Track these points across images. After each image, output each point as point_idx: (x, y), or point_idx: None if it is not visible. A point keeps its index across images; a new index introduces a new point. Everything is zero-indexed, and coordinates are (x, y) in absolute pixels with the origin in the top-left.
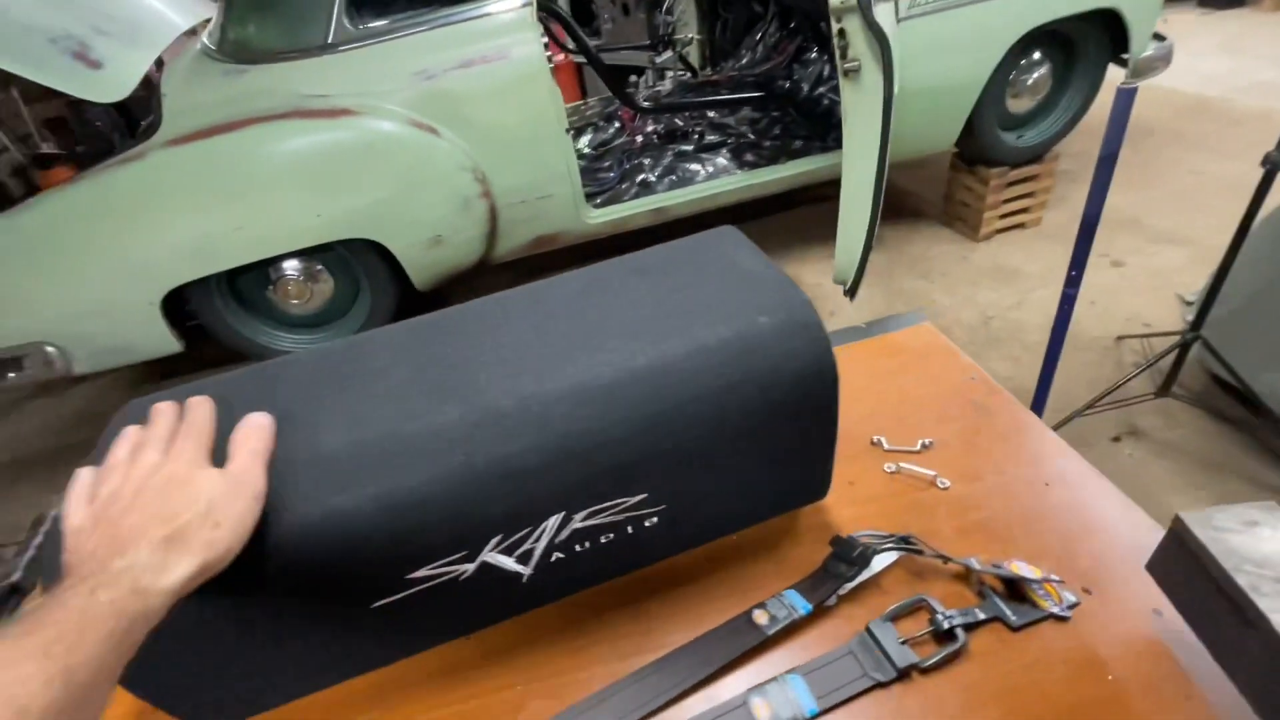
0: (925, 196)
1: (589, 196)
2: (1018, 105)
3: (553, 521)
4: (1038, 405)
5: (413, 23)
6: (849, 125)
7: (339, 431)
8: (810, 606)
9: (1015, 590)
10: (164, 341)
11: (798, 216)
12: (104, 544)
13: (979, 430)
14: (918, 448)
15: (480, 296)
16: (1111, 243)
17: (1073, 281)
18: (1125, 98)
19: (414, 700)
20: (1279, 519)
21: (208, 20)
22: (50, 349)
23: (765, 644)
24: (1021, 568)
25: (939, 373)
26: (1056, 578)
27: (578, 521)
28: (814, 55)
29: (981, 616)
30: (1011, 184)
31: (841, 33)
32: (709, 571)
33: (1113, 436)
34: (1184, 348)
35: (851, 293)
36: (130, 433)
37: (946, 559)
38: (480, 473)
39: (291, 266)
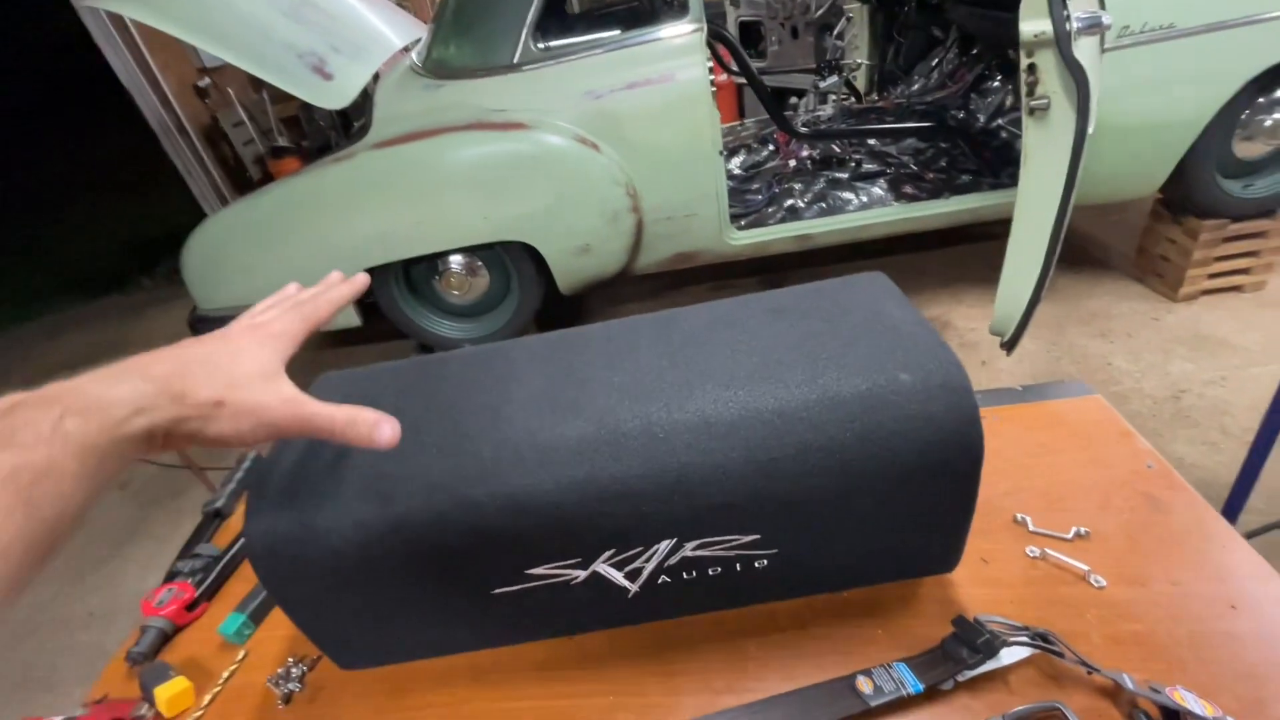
0: (1114, 245)
1: (734, 218)
2: (1248, 150)
3: (664, 546)
4: (1233, 506)
5: (590, 45)
6: (1029, 166)
7: (480, 429)
8: (922, 686)
9: None
10: (347, 316)
11: (956, 254)
12: (123, 367)
13: (1150, 528)
14: (1069, 535)
15: (617, 304)
16: None
17: None
18: None
19: (513, 684)
20: None
21: (418, 40)
22: None
23: (865, 715)
24: (1189, 699)
25: (1106, 455)
26: None
27: (688, 550)
28: (995, 85)
29: None
30: (1230, 239)
31: (1031, 68)
32: (813, 624)
33: None
34: None
35: (1010, 346)
36: (289, 289)
37: (1093, 669)
38: (600, 488)
39: (456, 261)
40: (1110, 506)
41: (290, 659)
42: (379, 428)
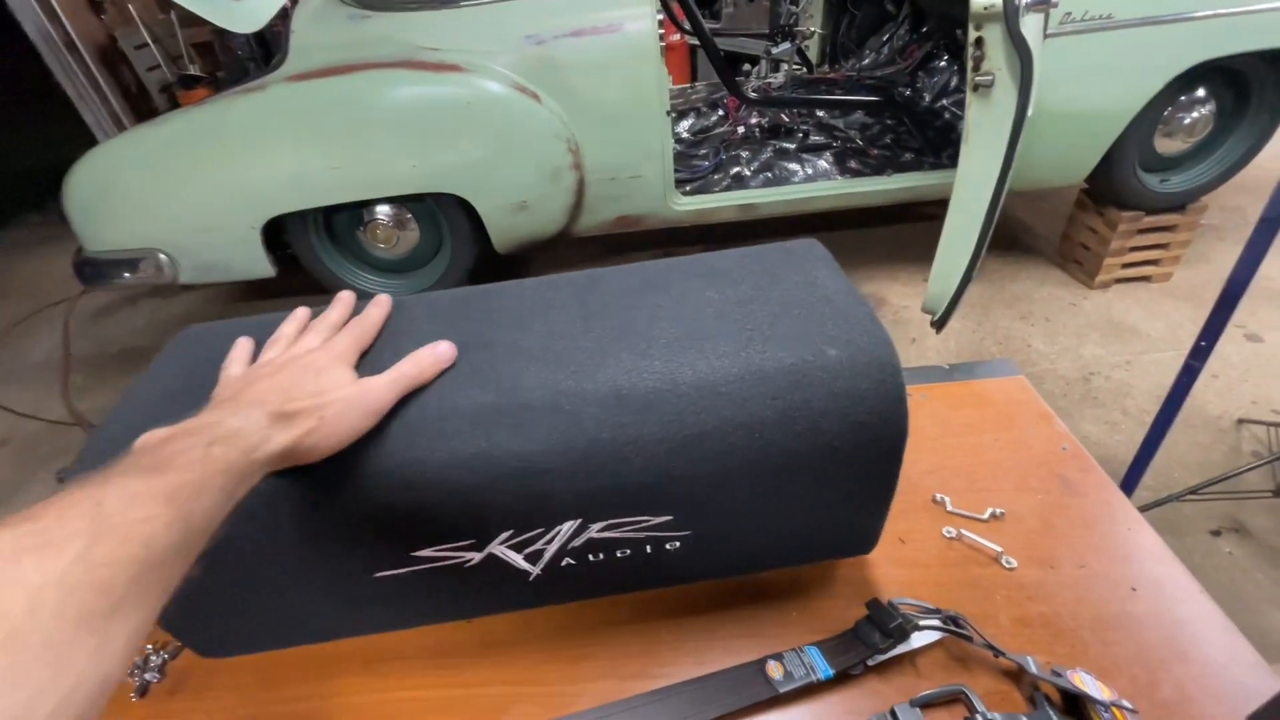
0: (1040, 232)
1: (679, 183)
2: (1168, 145)
3: (567, 527)
4: (1130, 481)
5: None
6: (969, 145)
7: None
8: (832, 672)
9: (1075, 706)
10: (259, 265)
11: (897, 232)
12: (231, 401)
13: (1062, 511)
14: (985, 516)
15: (561, 267)
16: (1252, 313)
17: (1200, 353)
18: None
19: (403, 673)
20: None
21: None
22: (162, 256)
23: (774, 701)
24: (1088, 683)
25: (1025, 436)
26: (1129, 705)
27: (594, 531)
28: (943, 64)
29: None
30: (1144, 231)
31: (979, 42)
32: (727, 606)
33: (1212, 529)
34: None
35: (940, 325)
36: (301, 314)
37: (999, 652)
38: (497, 464)
39: (383, 212)
40: (1026, 488)
41: (150, 646)
42: (437, 351)
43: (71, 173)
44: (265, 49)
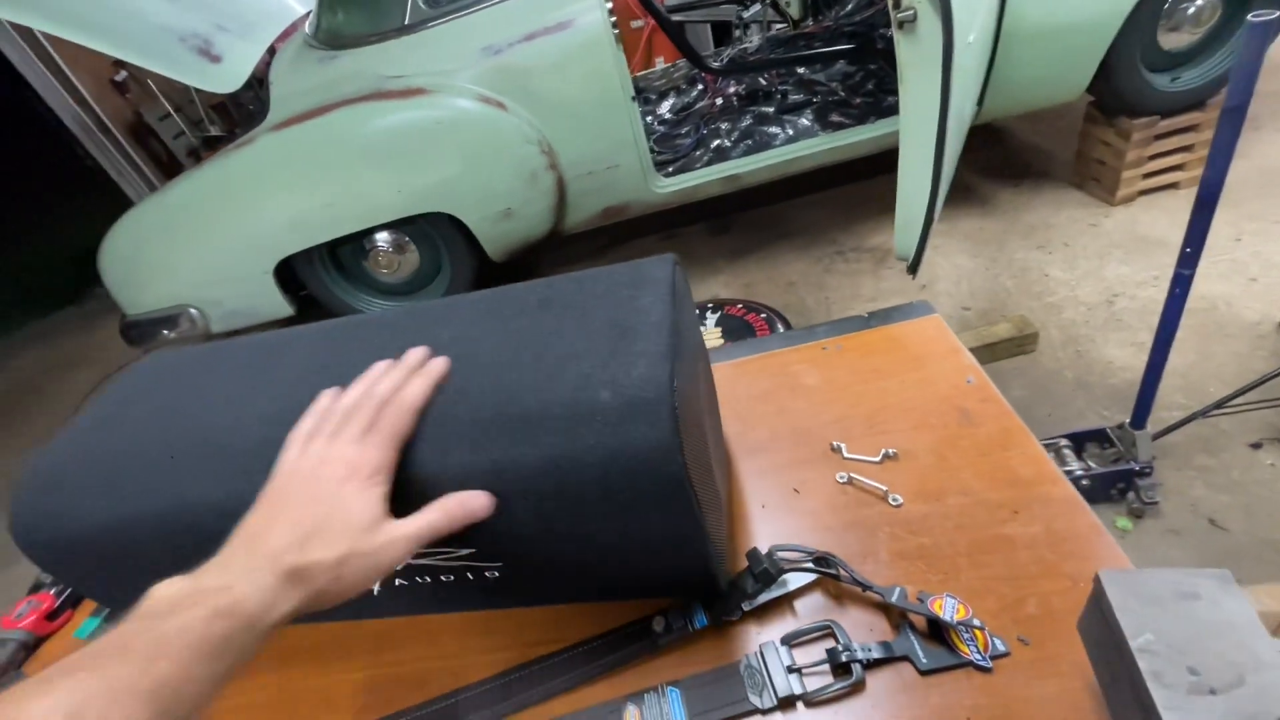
0: (1055, 154)
1: (662, 165)
2: (1174, 40)
3: None
4: (1143, 403)
5: None
6: (905, 86)
7: (224, 428)
8: (706, 620)
9: (939, 630)
10: (278, 305)
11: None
12: (247, 540)
13: (956, 443)
14: (879, 458)
15: (567, 265)
16: None
17: (1188, 260)
18: (1259, 34)
19: (348, 659)
20: (1225, 593)
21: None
22: (193, 311)
23: (657, 652)
24: (946, 607)
25: (933, 374)
26: (978, 623)
27: (409, 559)
28: None
29: (884, 655)
30: (1162, 136)
31: None
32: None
33: (1252, 442)
34: None
35: (913, 269)
36: (367, 378)
37: (865, 585)
38: None
39: (382, 239)
40: (925, 425)
41: None
42: (471, 504)
43: (101, 248)
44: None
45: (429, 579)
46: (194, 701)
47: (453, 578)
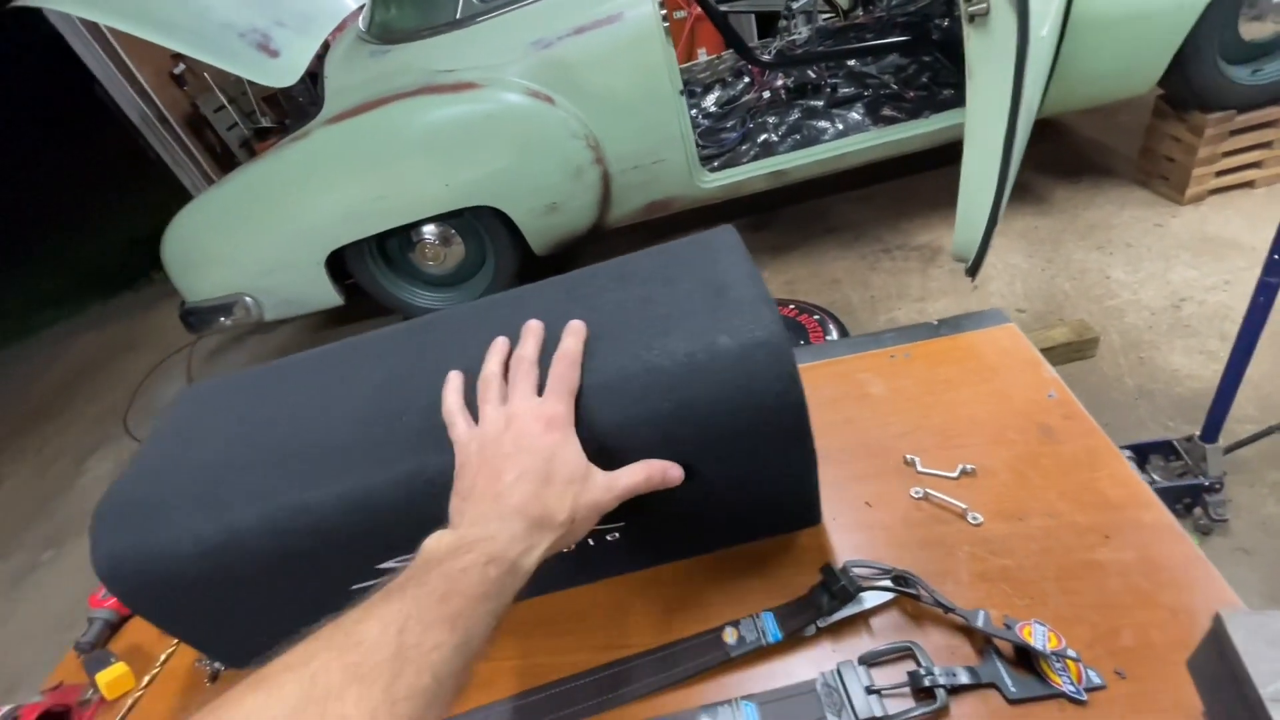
0: (1116, 150)
1: (707, 160)
2: (1257, 30)
3: None
4: (1216, 415)
5: None
6: (974, 81)
7: (313, 429)
8: (781, 635)
9: (1028, 657)
10: (329, 295)
11: (948, 175)
12: (487, 497)
13: (1038, 460)
14: (955, 474)
15: (605, 259)
16: None
17: (1275, 268)
18: None
19: None
20: None
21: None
22: (248, 299)
23: (728, 665)
24: (1036, 634)
25: (1010, 387)
26: (1073, 653)
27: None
28: None
29: (970, 680)
30: (1239, 131)
31: None
32: (695, 579)
33: None
34: None
35: (973, 271)
36: (500, 346)
37: (947, 607)
38: (432, 480)
39: (429, 231)
40: (1003, 440)
41: None
42: (671, 473)
43: (165, 237)
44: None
45: None
46: (480, 638)
47: (572, 547)
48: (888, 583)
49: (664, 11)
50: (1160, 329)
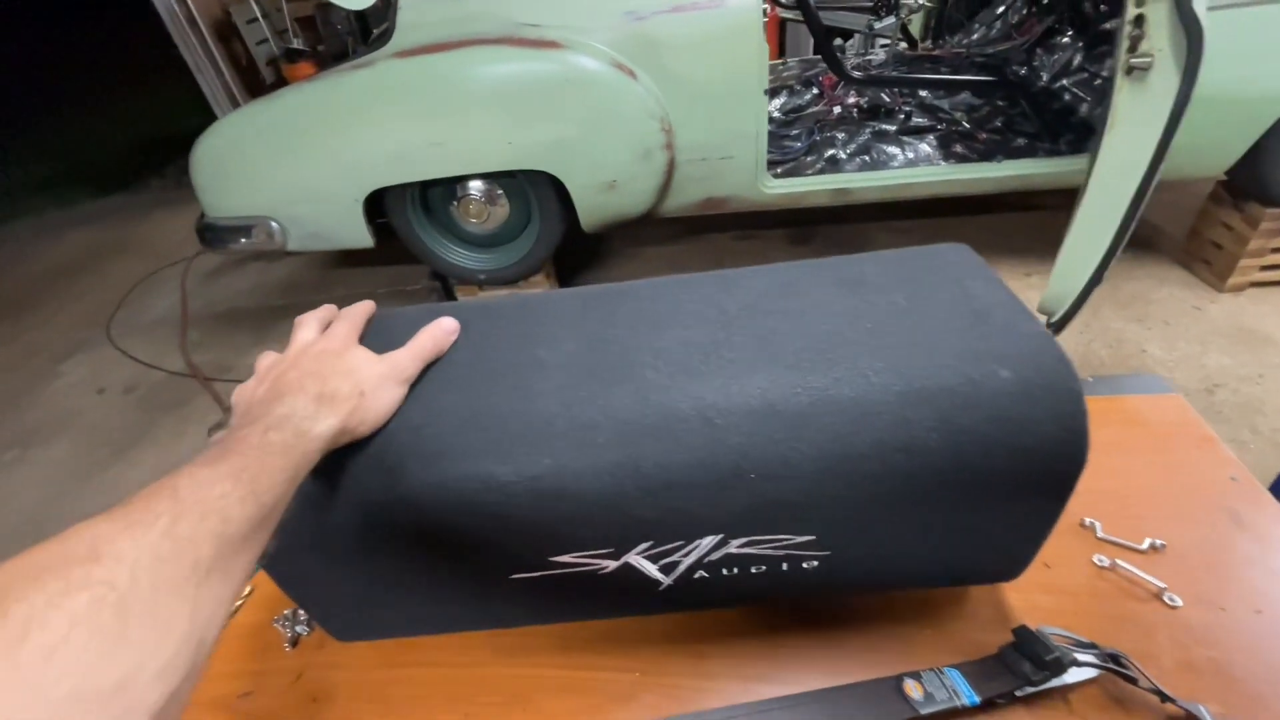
0: (1162, 226)
1: (770, 165)
2: None
3: (707, 541)
4: None
5: None
6: (1115, 133)
7: (505, 398)
8: (978, 699)
9: None
10: (360, 235)
11: (995, 221)
12: (268, 394)
13: (1231, 547)
14: (1144, 546)
15: (637, 246)
16: None
17: None
18: None
19: (528, 653)
20: None
21: None
22: (274, 224)
23: None
24: None
25: (1183, 462)
26: None
27: (733, 547)
28: (1065, 41)
29: None
30: None
31: (1139, 20)
32: (855, 620)
33: None
34: None
35: (1059, 327)
36: (320, 314)
37: (1167, 697)
38: (642, 476)
39: (476, 187)
40: (1188, 519)
41: None
42: (444, 326)
43: (198, 144)
44: (364, 24)
45: (735, 570)
46: (273, 493)
47: (763, 568)
48: (1094, 659)
49: (765, 6)
50: None
